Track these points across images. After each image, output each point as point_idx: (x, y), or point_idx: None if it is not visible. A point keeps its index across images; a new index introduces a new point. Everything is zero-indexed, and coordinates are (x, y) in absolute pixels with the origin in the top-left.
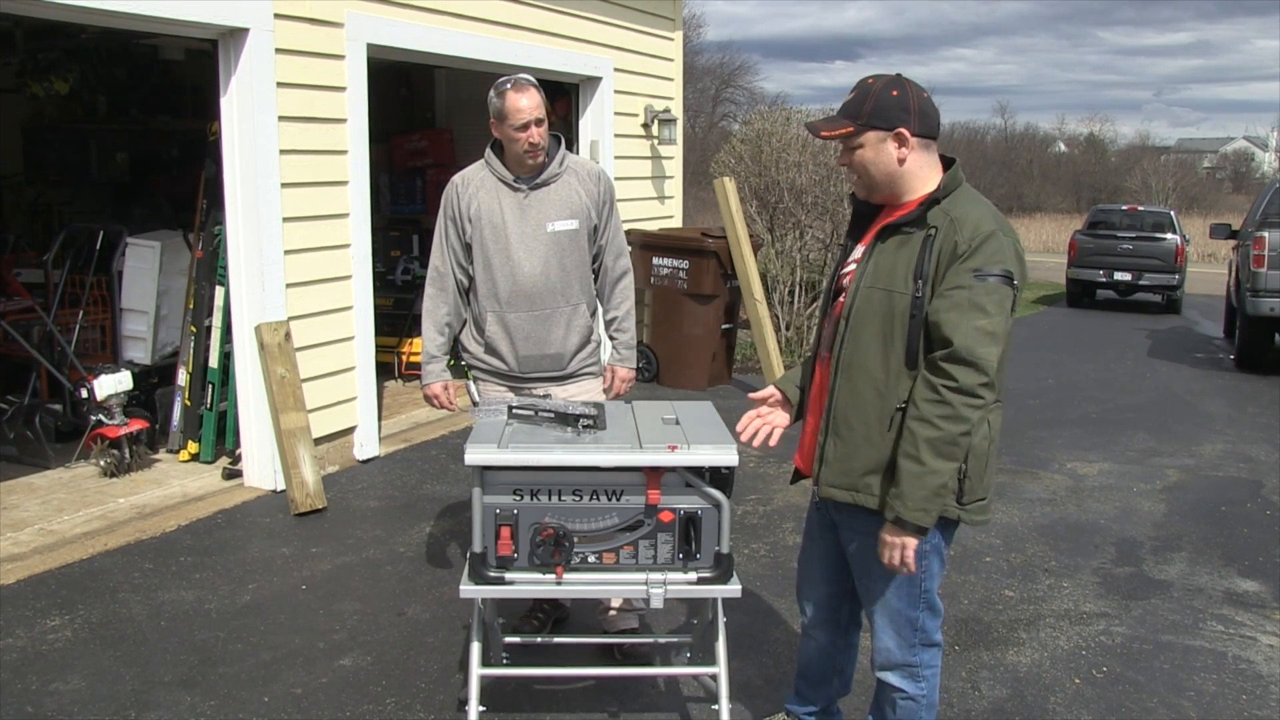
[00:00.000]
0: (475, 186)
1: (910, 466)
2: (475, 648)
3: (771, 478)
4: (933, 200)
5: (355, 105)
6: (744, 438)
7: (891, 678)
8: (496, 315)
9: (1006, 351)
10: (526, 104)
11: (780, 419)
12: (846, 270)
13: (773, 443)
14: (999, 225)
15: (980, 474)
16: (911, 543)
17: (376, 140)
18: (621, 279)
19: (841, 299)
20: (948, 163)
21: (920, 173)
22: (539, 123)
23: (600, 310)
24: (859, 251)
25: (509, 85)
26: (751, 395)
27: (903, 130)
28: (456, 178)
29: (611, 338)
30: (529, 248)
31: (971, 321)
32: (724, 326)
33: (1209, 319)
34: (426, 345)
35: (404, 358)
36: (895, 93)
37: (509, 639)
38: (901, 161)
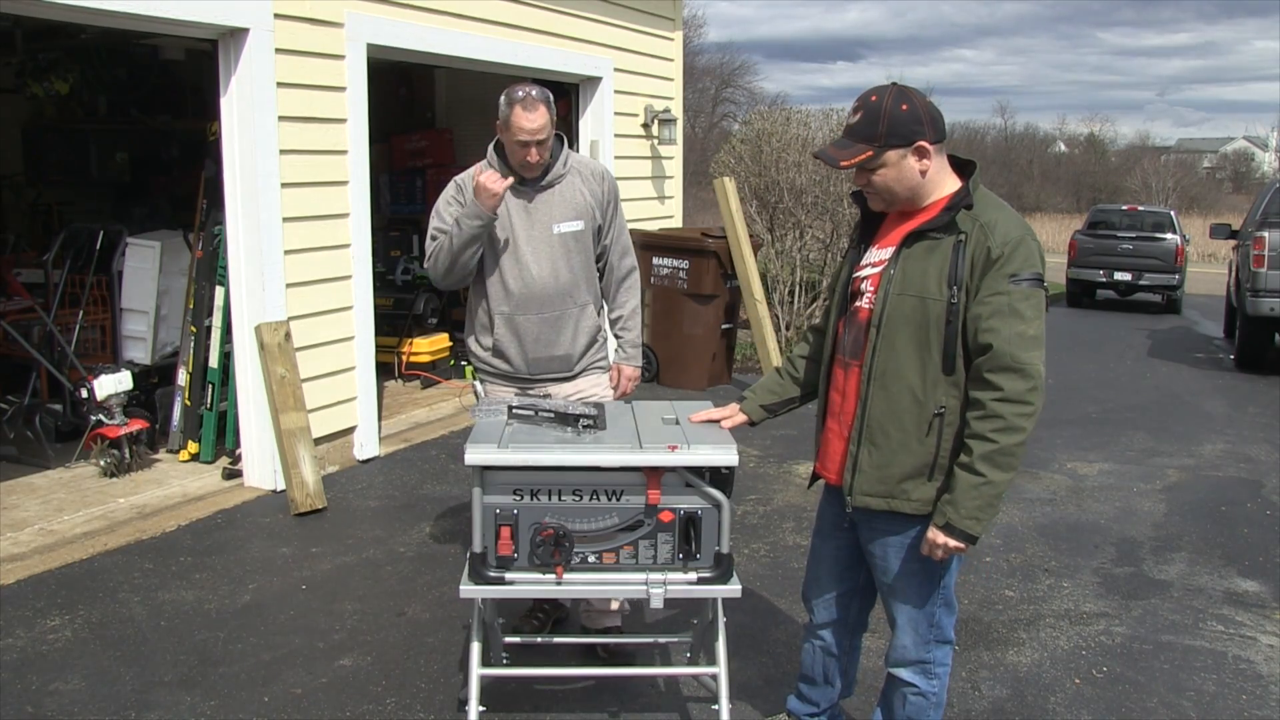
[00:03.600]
0: None
1: (967, 477)
2: (475, 648)
3: (771, 478)
4: (960, 205)
5: (355, 105)
6: (695, 418)
7: (904, 674)
8: (505, 317)
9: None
10: (531, 126)
11: (736, 422)
12: (863, 274)
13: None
14: (1025, 230)
15: None
16: (960, 547)
17: (376, 140)
18: (627, 278)
19: (861, 303)
20: (962, 163)
21: (938, 177)
22: (540, 144)
23: (605, 308)
24: (877, 255)
25: (520, 99)
26: (714, 416)
27: (923, 143)
28: (459, 177)
29: (617, 336)
30: (536, 250)
31: (1012, 328)
32: (724, 326)
33: (1209, 319)
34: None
35: (404, 358)
36: (905, 106)
37: (509, 639)
38: (924, 173)
